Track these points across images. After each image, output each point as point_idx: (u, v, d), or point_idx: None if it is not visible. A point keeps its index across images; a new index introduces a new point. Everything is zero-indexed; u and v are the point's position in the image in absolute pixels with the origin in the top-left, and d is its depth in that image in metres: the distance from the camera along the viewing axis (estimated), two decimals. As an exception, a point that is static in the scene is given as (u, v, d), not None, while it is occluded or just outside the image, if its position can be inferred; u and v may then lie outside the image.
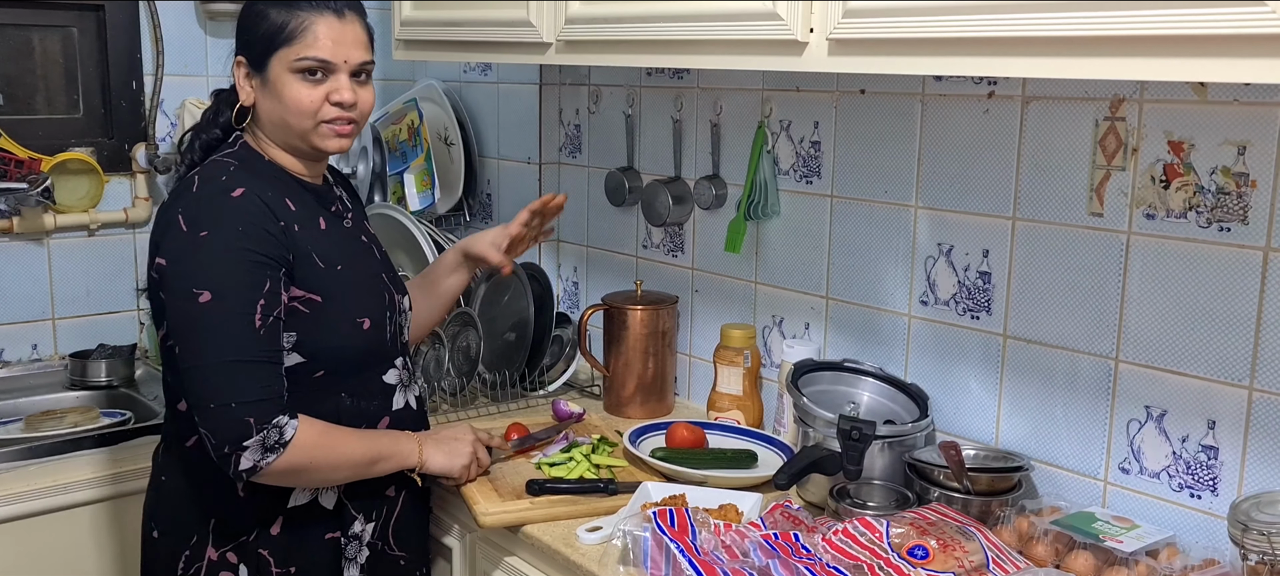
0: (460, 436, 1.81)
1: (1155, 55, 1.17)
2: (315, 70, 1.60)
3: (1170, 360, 1.59)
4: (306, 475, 1.61)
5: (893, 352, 1.97)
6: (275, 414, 1.53)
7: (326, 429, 1.61)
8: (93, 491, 2.15)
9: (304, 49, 1.59)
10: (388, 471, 1.70)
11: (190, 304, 1.52)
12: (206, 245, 1.53)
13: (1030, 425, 1.78)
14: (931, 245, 1.88)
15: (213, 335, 1.51)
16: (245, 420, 1.50)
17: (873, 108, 1.95)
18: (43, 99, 2.60)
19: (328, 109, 1.62)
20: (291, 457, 1.54)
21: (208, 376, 1.51)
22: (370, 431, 1.70)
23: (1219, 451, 1.56)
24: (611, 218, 2.52)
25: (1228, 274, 1.52)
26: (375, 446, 1.67)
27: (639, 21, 1.78)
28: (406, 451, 1.71)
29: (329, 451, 1.60)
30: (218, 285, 1.52)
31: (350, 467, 1.65)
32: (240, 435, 1.50)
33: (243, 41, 1.65)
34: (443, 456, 1.76)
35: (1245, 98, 1.48)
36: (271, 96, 1.62)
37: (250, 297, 1.52)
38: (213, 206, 1.56)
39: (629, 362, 2.25)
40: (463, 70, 2.84)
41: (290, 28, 1.59)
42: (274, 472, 1.55)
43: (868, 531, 1.53)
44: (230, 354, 1.51)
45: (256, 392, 1.52)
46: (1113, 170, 1.62)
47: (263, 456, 1.52)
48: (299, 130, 1.63)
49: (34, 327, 2.61)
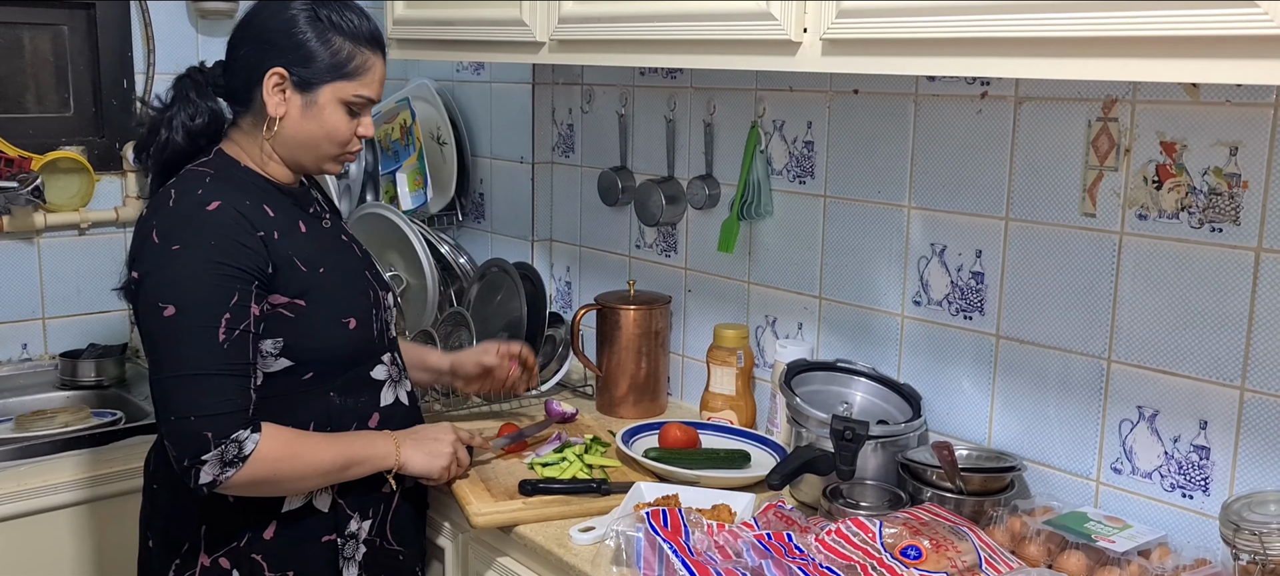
0: (440, 436, 1.77)
1: (1147, 56, 1.17)
2: (360, 107, 1.66)
3: (1162, 360, 1.60)
4: (272, 486, 1.59)
5: (886, 353, 1.97)
6: (235, 428, 1.52)
7: (293, 438, 1.59)
8: (83, 491, 2.14)
9: (363, 87, 1.65)
10: (363, 475, 1.68)
11: (156, 317, 1.52)
12: (176, 259, 1.53)
13: (1023, 425, 1.78)
14: (924, 245, 1.88)
15: (174, 348, 1.52)
16: (203, 434, 1.50)
17: (866, 108, 1.95)
18: (33, 97, 2.59)
19: (354, 141, 1.68)
20: (253, 471, 1.53)
21: (168, 389, 1.51)
22: (344, 435, 1.67)
23: (1211, 451, 1.56)
24: (604, 217, 2.52)
25: (1220, 274, 1.52)
26: (348, 451, 1.65)
27: (632, 21, 1.78)
28: (382, 453, 1.69)
29: (295, 462, 1.59)
30: (182, 299, 1.52)
31: (320, 476, 1.63)
32: (198, 449, 1.50)
33: (294, 56, 1.61)
34: (422, 457, 1.73)
35: (1237, 98, 1.48)
36: (311, 119, 1.63)
37: (214, 311, 1.52)
38: (187, 220, 1.55)
39: (622, 362, 2.25)
40: (455, 69, 2.83)
41: (356, 63, 1.63)
42: (236, 485, 1.54)
43: (861, 531, 1.53)
44: (191, 367, 1.51)
45: (215, 406, 1.51)
46: (1105, 170, 1.63)
47: (222, 470, 1.51)
48: (323, 154, 1.67)
49: (24, 327, 2.60)
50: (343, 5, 1.65)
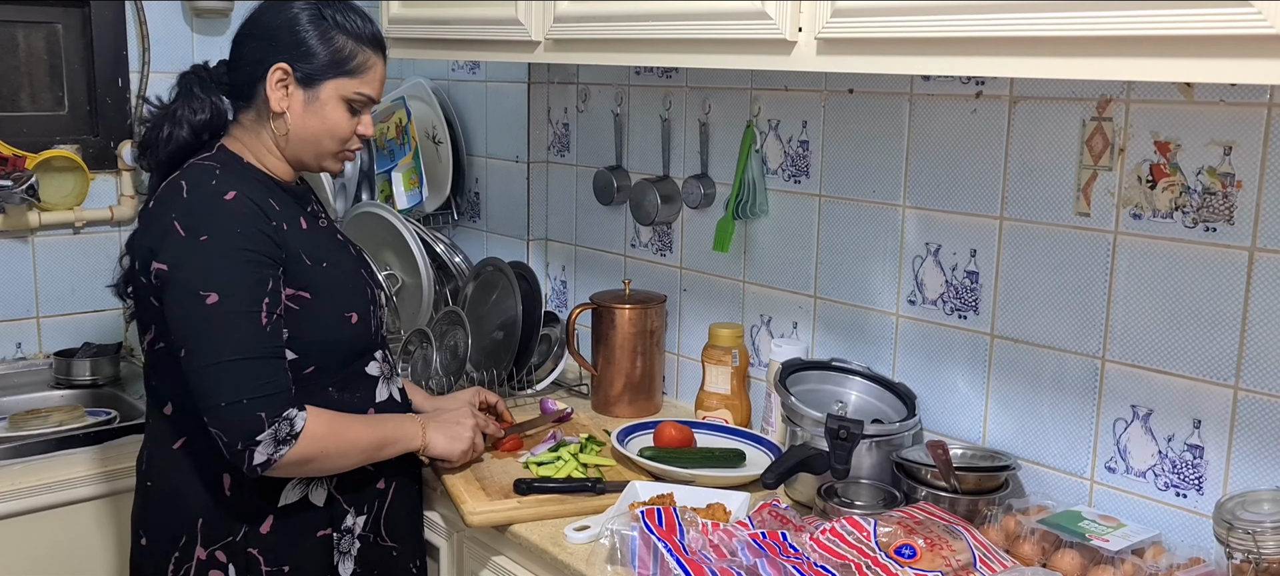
0: (462, 420, 1.84)
1: (1142, 55, 1.17)
2: (361, 106, 1.69)
3: (1156, 360, 1.60)
4: (317, 464, 1.62)
5: (880, 352, 1.97)
6: (285, 407, 1.55)
7: (334, 418, 1.64)
8: (78, 490, 2.14)
9: (364, 85, 1.68)
10: (395, 454, 1.74)
11: (198, 306, 1.54)
12: (207, 248, 1.55)
13: (1017, 424, 1.79)
14: (919, 245, 1.89)
15: (221, 335, 1.53)
16: (257, 415, 1.53)
17: (861, 107, 1.95)
18: (27, 96, 2.59)
19: (354, 139, 1.71)
20: (303, 448, 1.57)
21: (218, 375, 1.53)
22: (376, 416, 1.73)
23: (1204, 450, 1.57)
24: (600, 216, 2.52)
25: (1213, 274, 1.52)
26: (382, 431, 1.71)
27: (628, 20, 1.78)
28: (411, 434, 1.76)
29: (338, 439, 1.63)
30: (223, 286, 1.54)
31: (359, 453, 1.68)
32: (253, 430, 1.52)
33: (298, 53, 1.64)
34: (444, 439, 1.80)
35: (1231, 98, 1.48)
36: (314, 115, 1.66)
37: (256, 296, 1.55)
38: (208, 210, 1.57)
39: (617, 362, 2.25)
40: (451, 68, 2.83)
41: (358, 61, 1.66)
42: (287, 464, 1.57)
43: (855, 530, 1.53)
44: (239, 352, 1.53)
45: (266, 388, 1.54)
46: (1099, 170, 1.63)
47: (276, 449, 1.54)
48: (323, 151, 1.70)
49: (18, 326, 2.60)
50: (346, 6, 1.69)
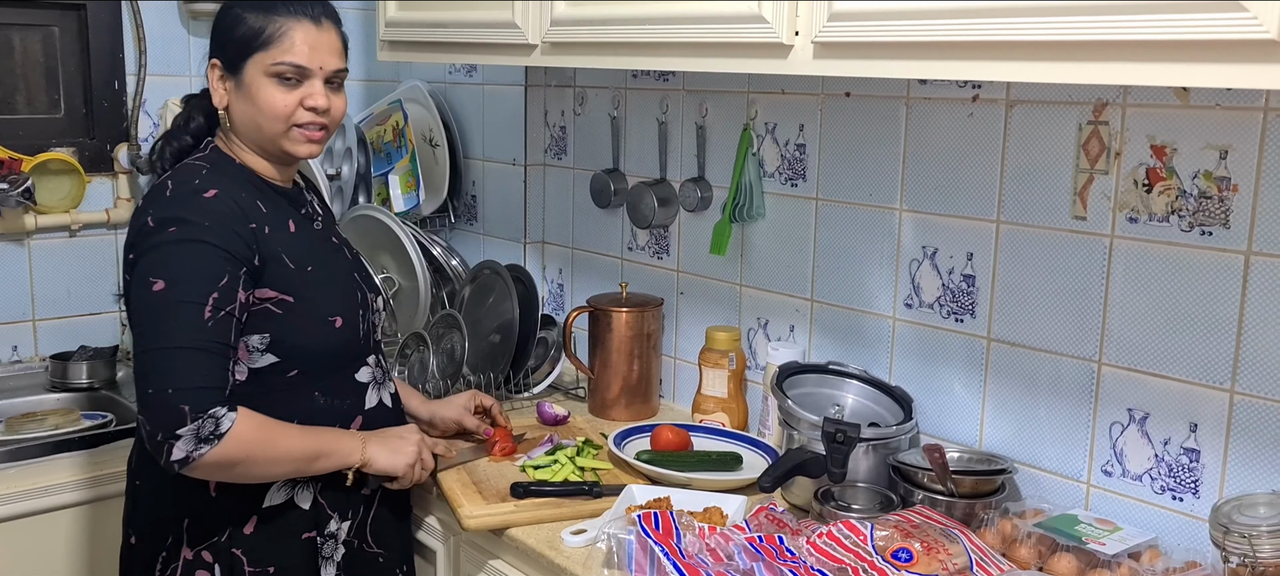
0: (406, 436, 1.77)
1: (1137, 60, 1.18)
2: (291, 76, 1.63)
3: (1152, 363, 1.60)
4: (242, 469, 1.57)
5: (877, 355, 1.98)
6: (212, 404, 1.51)
7: (266, 423, 1.59)
8: (74, 494, 2.13)
9: (281, 54, 1.62)
10: (328, 469, 1.67)
11: (145, 292, 1.54)
12: (170, 238, 1.55)
13: (1014, 428, 1.79)
14: (916, 248, 1.89)
15: (160, 322, 1.52)
16: (180, 407, 1.49)
17: (858, 111, 1.95)
18: (23, 99, 2.58)
19: (301, 113, 1.65)
20: (226, 450, 1.52)
21: (149, 361, 1.51)
22: (313, 427, 1.67)
23: (1201, 454, 1.57)
24: (597, 220, 2.52)
25: (1209, 277, 1.53)
26: (316, 443, 1.65)
27: (625, 24, 1.78)
28: (348, 449, 1.68)
29: (267, 446, 1.58)
30: (172, 274, 1.53)
31: (289, 463, 1.63)
32: (174, 422, 1.48)
33: (217, 44, 1.67)
34: (386, 454, 1.72)
35: (1227, 102, 1.48)
36: (246, 99, 1.65)
37: (203, 289, 1.53)
38: (182, 204, 1.58)
39: (614, 365, 2.25)
40: (447, 71, 2.83)
41: (268, 32, 1.62)
42: (207, 464, 1.52)
43: (852, 534, 1.53)
44: (174, 341, 1.51)
45: (194, 381, 1.50)
46: (1096, 174, 1.63)
47: (196, 447, 1.50)
48: (271, 134, 1.65)
49: (14, 329, 2.59)
50: None
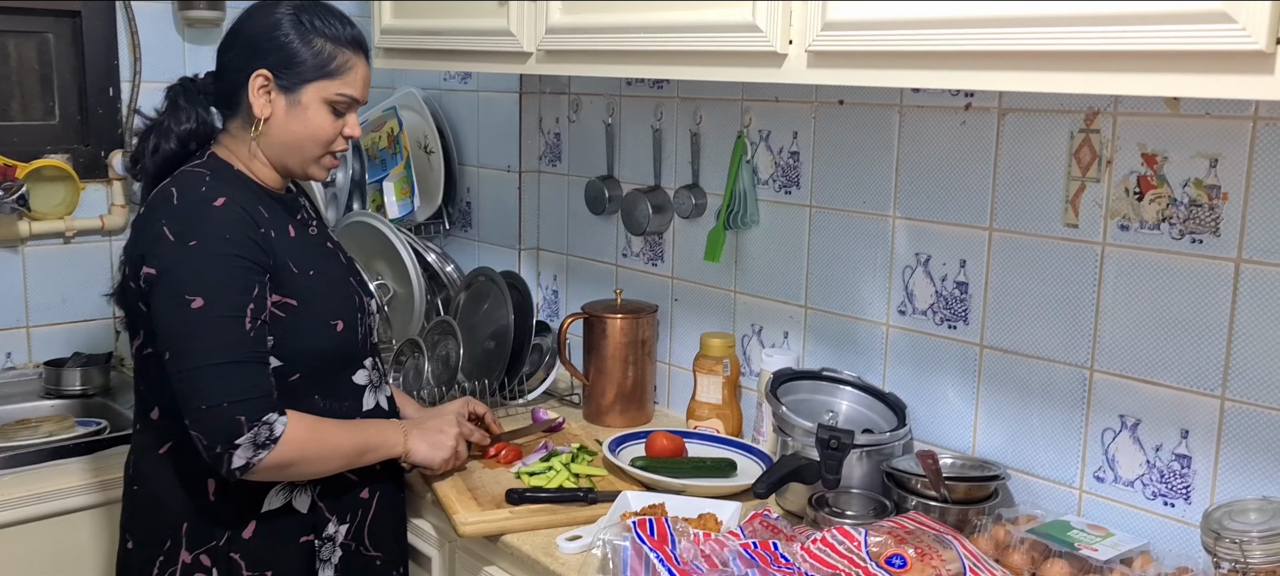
0: (445, 428, 1.84)
1: (1128, 70, 1.19)
2: (344, 108, 1.69)
3: (1144, 370, 1.61)
4: (297, 469, 1.62)
5: (871, 362, 1.98)
6: (265, 411, 1.55)
7: (315, 422, 1.64)
8: (68, 501, 2.13)
9: (346, 86, 1.68)
10: (376, 460, 1.74)
11: (183, 310, 1.54)
12: (196, 253, 1.56)
13: (1006, 434, 1.80)
14: (909, 255, 1.90)
15: (205, 338, 1.54)
16: (236, 419, 1.53)
17: (851, 118, 1.96)
18: (18, 105, 2.58)
19: (340, 141, 1.71)
20: (282, 453, 1.57)
21: (200, 378, 1.53)
22: (358, 422, 1.73)
23: (1192, 460, 1.58)
24: (591, 226, 2.52)
25: (1200, 285, 1.54)
26: (363, 437, 1.71)
27: (619, 32, 1.79)
28: (393, 441, 1.75)
29: (318, 445, 1.63)
30: (209, 290, 1.55)
31: (340, 459, 1.68)
32: (232, 433, 1.53)
33: (278, 59, 1.65)
34: (426, 448, 1.80)
35: (1217, 111, 1.50)
36: (296, 119, 1.67)
37: (240, 301, 1.56)
38: (197, 215, 1.58)
39: (609, 371, 2.25)
40: (442, 78, 2.83)
41: (338, 62, 1.67)
42: (266, 469, 1.57)
43: (846, 540, 1.54)
44: (222, 355, 1.54)
45: (247, 391, 1.54)
46: (1087, 182, 1.64)
47: (254, 454, 1.54)
48: (309, 155, 1.70)
49: (8, 336, 2.59)
50: (325, 9, 1.70)
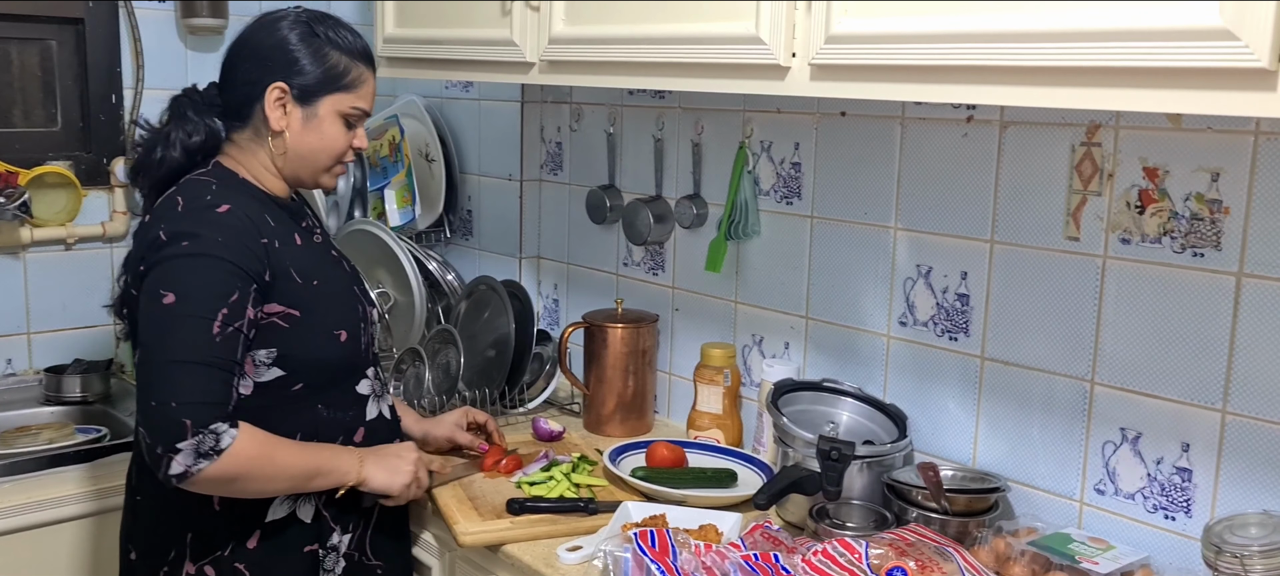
0: (403, 454, 1.78)
1: (1130, 87, 1.19)
2: (356, 121, 1.72)
3: (1145, 383, 1.61)
4: (241, 485, 1.58)
5: (872, 373, 1.98)
6: (213, 419, 1.51)
7: (267, 440, 1.59)
8: (67, 509, 2.13)
9: (359, 99, 1.71)
10: (325, 487, 1.68)
11: (155, 305, 1.54)
12: (183, 253, 1.55)
13: (1007, 446, 1.80)
14: (910, 267, 1.90)
15: (166, 335, 1.52)
16: (181, 421, 1.48)
17: (853, 130, 1.96)
18: (20, 112, 2.59)
19: (349, 152, 1.73)
20: (225, 466, 1.52)
21: (154, 374, 1.51)
22: (311, 444, 1.68)
23: (1193, 473, 1.58)
24: (592, 235, 2.53)
25: (1201, 298, 1.54)
26: (315, 460, 1.66)
27: (622, 43, 1.79)
28: (346, 467, 1.69)
29: (266, 463, 1.58)
30: (182, 289, 1.53)
31: (288, 480, 1.63)
32: (175, 436, 1.48)
33: (294, 71, 1.66)
34: (384, 474, 1.73)
35: (1218, 126, 1.50)
36: (312, 131, 1.68)
37: (213, 305, 1.53)
38: (196, 220, 1.58)
39: (609, 381, 2.26)
40: (444, 86, 2.84)
41: (353, 76, 1.69)
42: (206, 480, 1.52)
43: (847, 552, 1.54)
44: (179, 354, 1.51)
45: (197, 395, 1.50)
46: (1089, 195, 1.65)
47: (195, 461, 1.49)
48: (321, 165, 1.72)
49: (9, 342, 2.59)
50: (335, 22, 1.71)
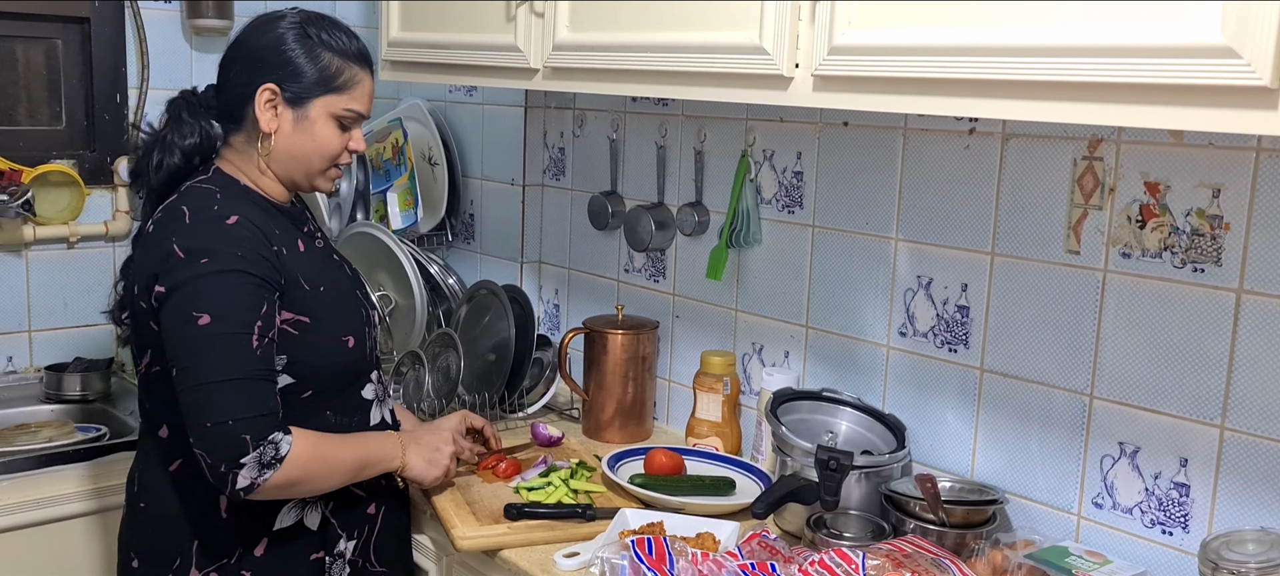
0: (441, 445, 1.84)
1: (1131, 103, 1.19)
2: (351, 123, 1.70)
3: (1144, 397, 1.61)
4: (302, 487, 1.62)
5: (871, 383, 1.99)
6: (271, 430, 1.54)
7: (320, 440, 1.63)
8: (67, 507, 2.13)
9: (353, 101, 1.69)
10: (375, 474, 1.73)
11: (190, 327, 1.54)
12: (205, 270, 1.55)
13: (1005, 458, 1.80)
14: (911, 277, 1.90)
15: (211, 356, 1.53)
16: (242, 437, 1.51)
17: (855, 140, 1.97)
18: (25, 110, 2.59)
19: (345, 155, 1.72)
20: (287, 472, 1.56)
21: (205, 395, 1.52)
22: (358, 436, 1.73)
23: (1191, 488, 1.58)
24: (594, 241, 2.53)
25: (1201, 314, 1.54)
26: (364, 451, 1.71)
27: (626, 51, 1.79)
28: (392, 454, 1.75)
29: (322, 462, 1.62)
30: (217, 308, 1.54)
31: (342, 475, 1.67)
32: (237, 452, 1.51)
33: (285, 73, 1.65)
34: (422, 463, 1.79)
35: (1220, 142, 1.50)
36: (303, 133, 1.67)
37: (248, 319, 1.55)
38: (209, 233, 1.58)
39: (609, 387, 2.26)
40: (448, 90, 2.84)
41: (346, 77, 1.67)
42: (271, 488, 1.56)
43: (844, 562, 1.54)
44: (227, 373, 1.52)
45: (252, 410, 1.53)
46: (1090, 209, 1.65)
47: (259, 473, 1.53)
48: (315, 169, 1.71)
49: (10, 340, 2.59)
50: (330, 23, 1.70)
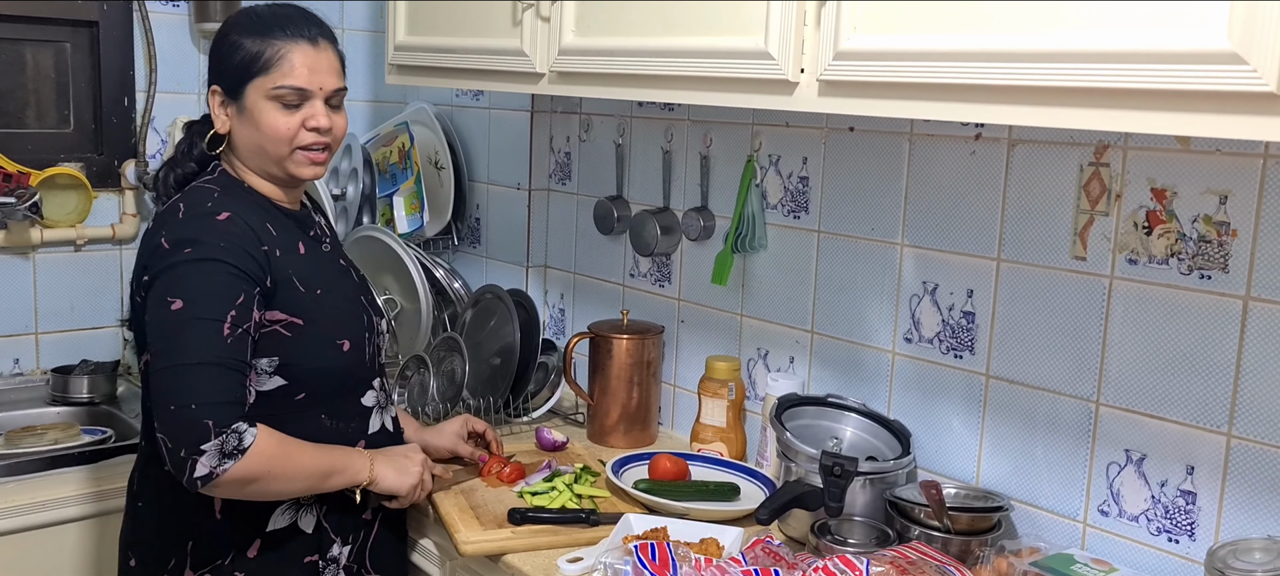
0: (410, 455, 1.79)
1: (1138, 109, 1.19)
2: (292, 99, 1.65)
3: (1150, 405, 1.61)
4: (261, 484, 1.58)
5: (876, 389, 1.98)
6: (235, 419, 1.52)
7: (284, 440, 1.60)
8: (72, 509, 2.14)
9: (281, 77, 1.64)
10: (338, 486, 1.68)
11: (163, 311, 1.54)
12: (187, 259, 1.56)
13: (1011, 465, 1.79)
14: (916, 283, 1.90)
15: (179, 339, 1.53)
16: (204, 422, 1.49)
17: (861, 145, 1.96)
18: (33, 113, 2.60)
19: (304, 135, 1.67)
20: (248, 465, 1.52)
21: (171, 378, 1.52)
22: (325, 445, 1.68)
23: (1197, 496, 1.57)
24: (599, 246, 2.53)
25: (1208, 321, 1.53)
26: (330, 460, 1.66)
27: (632, 56, 1.79)
28: (358, 467, 1.70)
29: (285, 462, 1.59)
30: (190, 293, 1.54)
31: (305, 479, 1.64)
32: (198, 438, 1.49)
33: (216, 71, 1.69)
34: (393, 475, 1.73)
35: (1227, 148, 1.50)
36: (248, 124, 1.66)
37: (221, 308, 1.54)
38: (197, 226, 1.59)
39: (613, 391, 2.25)
40: (454, 94, 2.85)
41: (266, 56, 1.63)
42: (229, 480, 1.52)
43: (848, 569, 1.53)
44: (194, 357, 1.52)
45: (217, 396, 1.51)
46: (1096, 215, 1.64)
47: (219, 462, 1.50)
48: (276, 156, 1.68)
49: (16, 342, 2.60)
50: (261, 10, 1.69)
